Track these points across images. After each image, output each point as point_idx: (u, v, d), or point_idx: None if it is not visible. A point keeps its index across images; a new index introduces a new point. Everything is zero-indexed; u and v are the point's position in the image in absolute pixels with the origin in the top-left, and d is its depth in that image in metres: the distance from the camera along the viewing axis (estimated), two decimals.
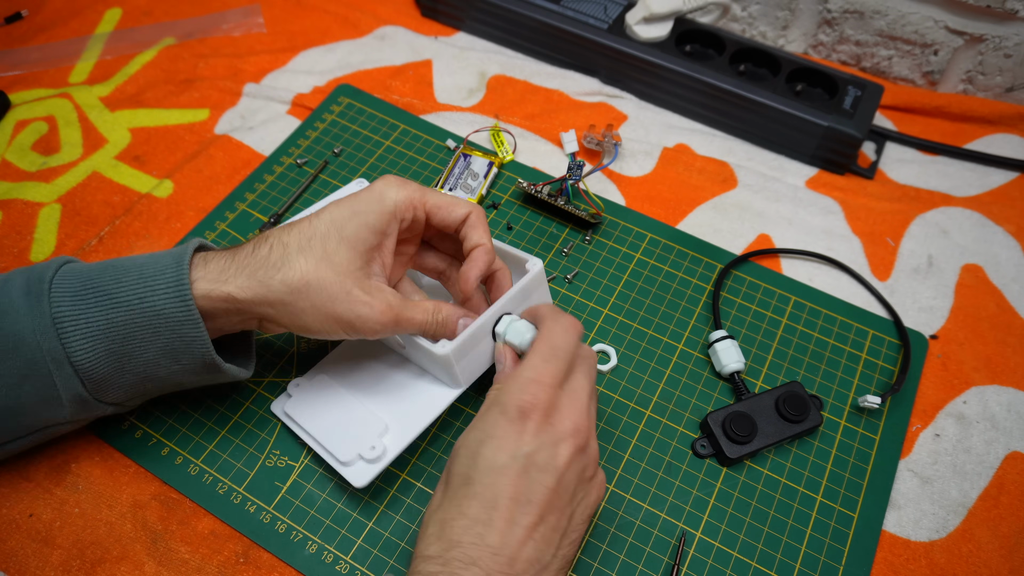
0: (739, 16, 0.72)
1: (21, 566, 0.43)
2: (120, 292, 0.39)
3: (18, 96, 0.66)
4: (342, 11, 0.73)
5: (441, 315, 0.43)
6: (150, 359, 0.40)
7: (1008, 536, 0.46)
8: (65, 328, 0.39)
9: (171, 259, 0.40)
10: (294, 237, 0.40)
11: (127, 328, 0.39)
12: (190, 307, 0.39)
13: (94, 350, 0.39)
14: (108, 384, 0.41)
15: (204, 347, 0.40)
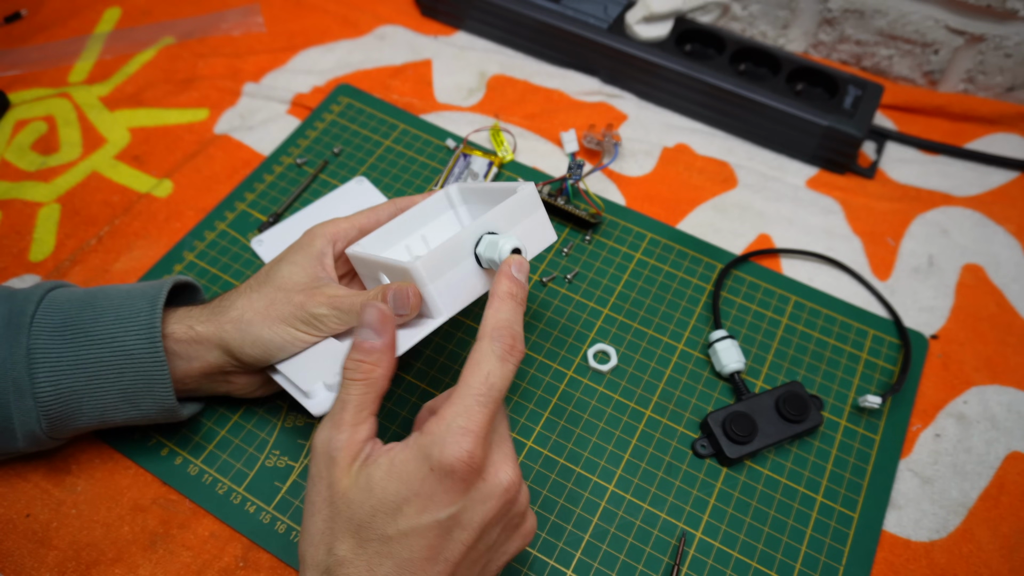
0: (739, 15, 0.72)
1: (17, 566, 0.43)
2: (96, 330, 0.41)
3: (17, 96, 0.66)
4: (342, 11, 0.73)
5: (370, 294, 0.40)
6: (109, 403, 0.42)
7: (1008, 536, 0.46)
8: (37, 361, 0.40)
9: (146, 301, 0.42)
10: (241, 288, 0.43)
11: (94, 366, 0.41)
12: (157, 349, 0.41)
13: (59, 384, 0.40)
14: (63, 423, 0.42)
15: (165, 389, 0.41)
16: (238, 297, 0.43)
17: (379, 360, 0.35)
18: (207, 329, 0.42)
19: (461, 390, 0.34)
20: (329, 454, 0.34)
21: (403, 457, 0.33)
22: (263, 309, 0.41)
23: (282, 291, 0.42)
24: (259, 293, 0.42)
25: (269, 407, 0.49)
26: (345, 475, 0.33)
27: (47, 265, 0.55)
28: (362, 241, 0.44)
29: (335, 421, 0.34)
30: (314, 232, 0.44)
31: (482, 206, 0.46)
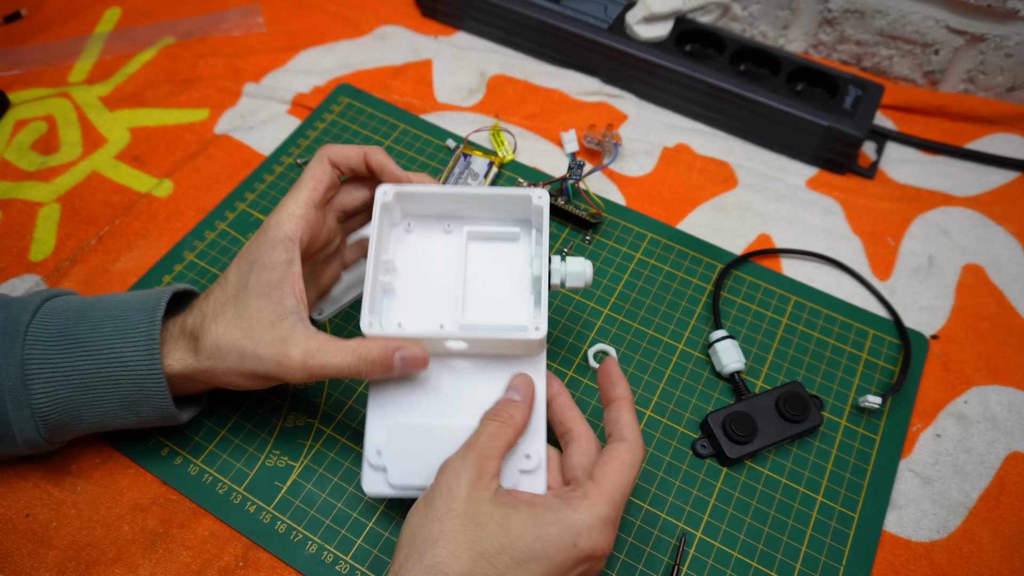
0: (739, 16, 0.72)
1: (16, 566, 0.43)
2: (92, 341, 0.40)
3: (17, 96, 0.66)
4: (342, 11, 0.73)
5: (372, 354, 0.39)
6: (108, 410, 0.41)
7: (1009, 536, 0.46)
8: (32, 371, 0.40)
9: (144, 313, 0.41)
10: (211, 304, 0.41)
11: (91, 377, 0.40)
12: (155, 363, 0.40)
13: (55, 395, 0.40)
14: (62, 430, 0.42)
15: (163, 400, 0.41)
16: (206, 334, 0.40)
17: (520, 413, 0.39)
18: (183, 368, 0.41)
19: (613, 484, 0.37)
20: (461, 469, 0.36)
21: (549, 519, 0.35)
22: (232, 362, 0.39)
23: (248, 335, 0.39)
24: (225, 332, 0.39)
25: (269, 407, 0.49)
26: (475, 495, 0.35)
27: (47, 265, 0.55)
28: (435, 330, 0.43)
29: (470, 445, 0.37)
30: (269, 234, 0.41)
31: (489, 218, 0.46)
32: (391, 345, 0.39)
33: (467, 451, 0.37)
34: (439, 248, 0.46)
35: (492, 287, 0.44)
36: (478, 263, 0.45)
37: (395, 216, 0.45)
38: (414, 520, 0.36)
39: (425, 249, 0.46)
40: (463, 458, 0.37)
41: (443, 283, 0.44)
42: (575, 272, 0.43)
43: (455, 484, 0.36)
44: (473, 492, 0.35)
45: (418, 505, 0.37)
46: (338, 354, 0.39)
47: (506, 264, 0.45)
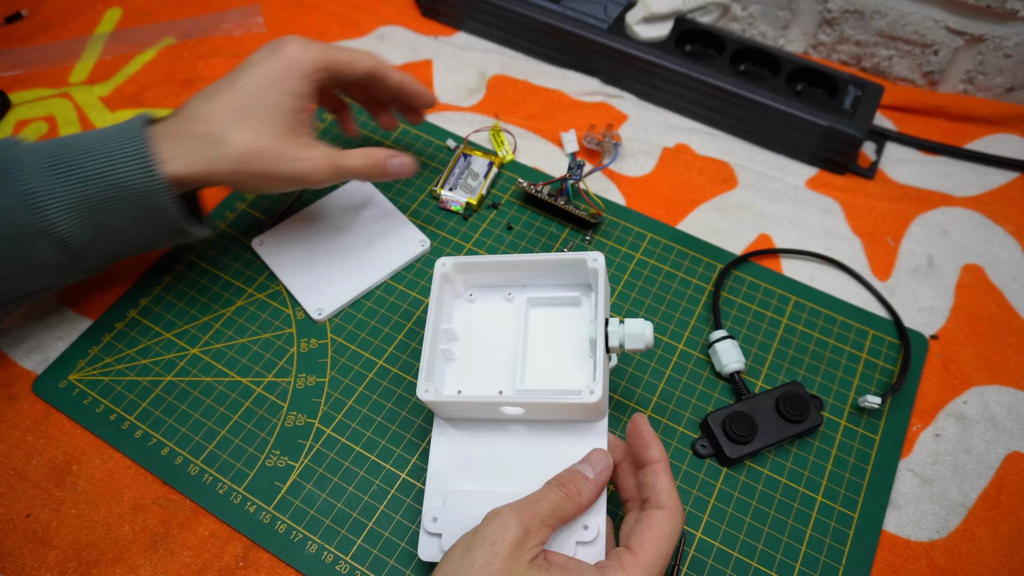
0: (739, 16, 0.72)
1: (17, 566, 0.43)
2: (85, 166, 0.42)
3: (18, 96, 0.66)
4: (342, 11, 0.73)
5: (374, 157, 0.49)
6: (123, 227, 0.43)
7: (1008, 536, 0.46)
8: (40, 202, 0.41)
9: (127, 136, 0.43)
10: (222, 110, 0.44)
11: (97, 200, 0.42)
12: (156, 179, 0.42)
13: (72, 221, 0.42)
14: (86, 252, 0.44)
15: (176, 212, 0.43)
16: (226, 141, 0.43)
17: (587, 490, 0.38)
18: (195, 171, 0.43)
19: (651, 555, 0.35)
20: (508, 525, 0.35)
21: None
22: (259, 167, 0.44)
23: (274, 143, 0.45)
24: (252, 139, 0.44)
25: (269, 407, 0.49)
26: (515, 553, 0.34)
27: None
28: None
29: (526, 503, 0.36)
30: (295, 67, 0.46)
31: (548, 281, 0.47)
32: (386, 152, 0.50)
33: (522, 509, 0.36)
34: (501, 315, 0.47)
35: (553, 352, 0.44)
36: (539, 329, 0.45)
37: (457, 287, 0.47)
38: (450, 563, 0.35)
39: (488, 316, 0.47)
40: (517, 514, 0.36)
41: (505, 349, 0.45)
42: (633, 334, 0.41)
43: (500, 539, 0.35)
44: (515, 552, 0.34)
45: (457, 547, 0.36)
46: (350, 157, 0.48)
47: (567, 329, 0.45)
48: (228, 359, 0.51)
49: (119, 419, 0.48)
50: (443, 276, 0.45)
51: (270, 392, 0.50)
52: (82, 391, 0.49)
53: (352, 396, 0.50)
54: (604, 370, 0.40)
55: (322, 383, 0.50)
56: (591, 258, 0.43)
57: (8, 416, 0.49)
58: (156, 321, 0.53)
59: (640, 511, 0.38)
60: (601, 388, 0.39)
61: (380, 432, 0.48)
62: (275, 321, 0.53)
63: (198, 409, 0.49)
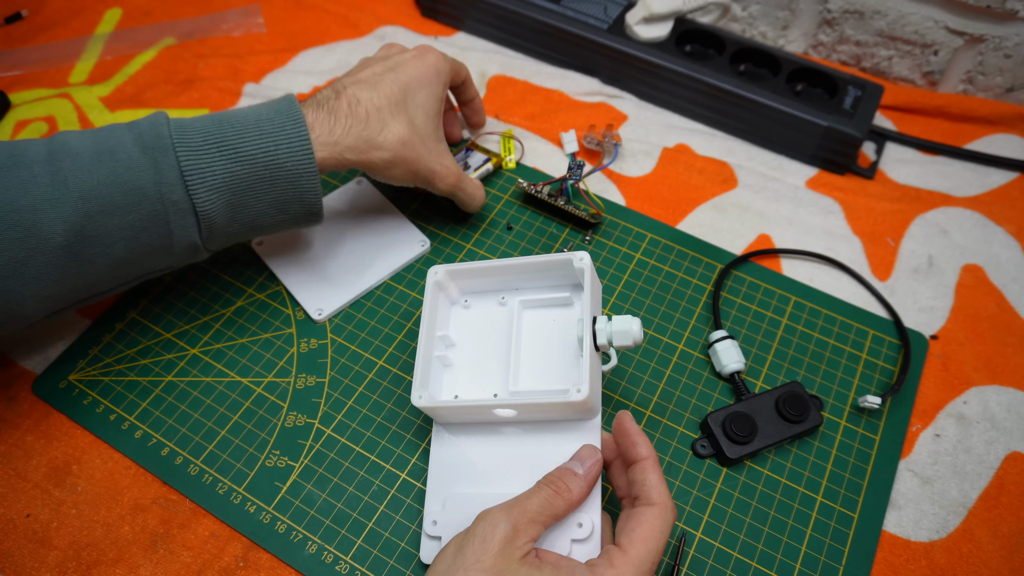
0: (739, 16, 0.72)
1: (17, 566, 0.43)
2: (243, 146, 0.43)
3: (18, 96, 0.66)
4: (342, 11, 0.73)
5: (481, 191, 0.55)
6: (262, 210, 0.45)
7: (1008, 536, 0.46)
8: (193, 180, 0.42)
9: (286, 117, 0.44)
10: (382, 100, 0.47)
11: (248, 180, 0.43)
12: (311, 162, 0.44)
13: (217, 201, 0.43)
14: (219, 232, 0.44)
15: (315, 196, 0.45)
16: (384, 130, 0.47)
17: (577, 486, 0.38)
18: (358, 157, 0.47)
19: (641, 553, 0.35)
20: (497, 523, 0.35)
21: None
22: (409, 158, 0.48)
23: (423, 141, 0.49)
24: (406, 133, 0.48)
25: (269, 407, 0.49)
26: (506, 550, 0.35)
27: None
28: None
29: (517, 501, 0.37)
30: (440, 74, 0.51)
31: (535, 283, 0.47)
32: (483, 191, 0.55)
33: (511, 507, 0.36)
34: (496, 319, 0.47)
35: (546, 353, 0.45)
36: (533, 331, 0.46)
37: (452, 294, 0.48)
38: (443, 563, 0.35)
39: (483, 321, 0.48)
40: (506, 512, 0.36)
41: (500, 353, 0.46)
42: (621, 330, 0.41)
43: (490, 537, 0.35)
44: (505, 549, 0.35)
45: (449, 547, 0.36)
46: (469, 181, 0.54)
47: (559, 330, 0.46)
48: (228, 359, 0.51)
49: (119, 419, 0.48)
50: (436, 284, 0.46)
51: (270, 392, 0.50)
52: (82, 391, 0.49)
53: (352, 396, 0.50)
54: (591, 368, 0.40)
55: (322, 383, 0.50)
56: (577, 258, 0.43)
57: (8, 416, 0.49)
58: (156, 321, 0.53)
59: (631, 508, 0.38)
60: (588, 386, 0.39)
61: (380, 432, 0.48)
62: (275, 321, 0.53)
63: (198, 409, 0.49)
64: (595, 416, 0.42)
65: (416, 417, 0.49)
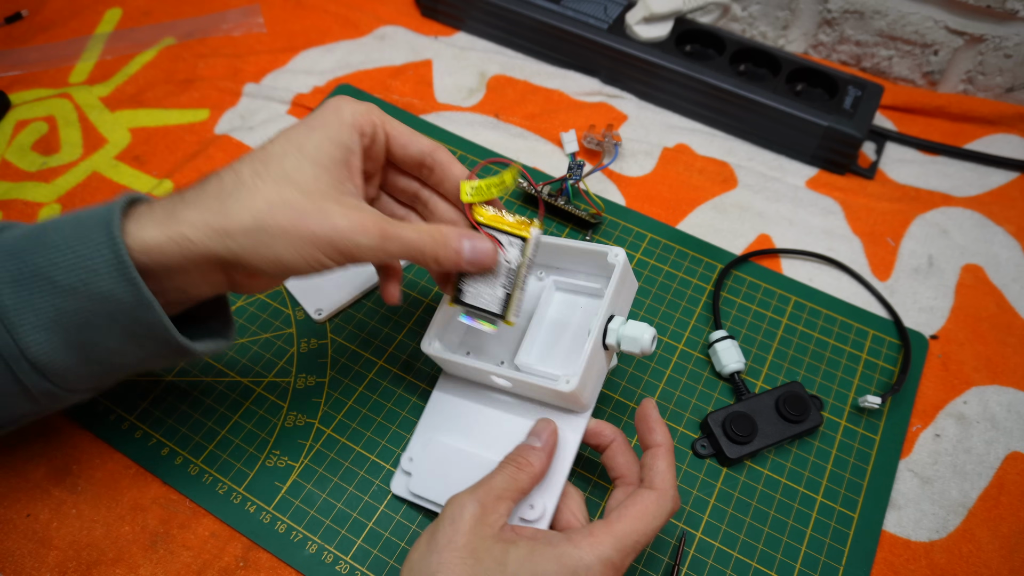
0: (739, 16, 0.72)
1: (17, 566, 0.43)
2: (59, 276, 0.34)
3: (18, 96, 0.66)
4: (342, 11, 0.73)
5: (440, 232, 0.37)
6: (113, 347, 0.35)
7: (1008, 536, 0.46)
8: (11, 320, 0.34)
9: (102, 232, 0.33)
10: (247, 164, 0.35)
11: (79, 316, 0.34)
12: (139, 289, 0.33)
13: (50, 342, 0.34)
14: (73, 375, 0.36)
15: (165, 331, 0.35)
16: (242, 191, 0.34)
17: (538, 461, 0.39)
18: (205, 233, 0.34)
19: (627, 526, 0.35)
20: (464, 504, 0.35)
21: (547, 554, 0.34)
22: (286, 220, 0.34)
23: (307, 196, 0.34)
24: (275, 191, 0.34)
25: (269, 407, 0.49)
26: (478, 530, 0.35)
27: None
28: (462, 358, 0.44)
29: (482, 483, 0.37)
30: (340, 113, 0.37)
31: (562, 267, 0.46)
32: (461, 231, 0.38)
33: (476, 488, 0.37)
34: (529, 292, 0.46)
35: (560, 338, 0.45)
36: (557, 312, 0.46)
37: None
38: (416, 552, 0.35)
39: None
40: (471, 493, 0.36)
41: (520, 324, 0.45)
42: (631, 336, 0.40)
43: (458, 517, 0.35)
44: (476, 527, 0.35)
45: (422, 536, 0.36)
46: (406, 227, 0.36)
47: (581, 317, 0.45)
48: (228, 359, 0.51)
49: (119, 419, 0.48)
50: None
51: (270, 392, 0.50)
52: None
53: (352, 396, 0.50)
54: (589, 364, 0.40)
55: (322, 383, 0.50)
56: (612, 253, 0.42)
57: None
58: None
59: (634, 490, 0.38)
60: (578, 379, 0.39)
61: (380, 432, 0.48)
62: (275, 321, 0.53)
63: (198, 409, 0.49)
64: (586, 411, 0.42)
65: (416, 416, 0.49)
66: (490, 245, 0.39)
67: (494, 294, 0.40)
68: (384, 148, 0.39)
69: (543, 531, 0.37)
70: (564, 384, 0.39)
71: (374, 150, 0.39)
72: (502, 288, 0.40)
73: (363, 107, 0.38)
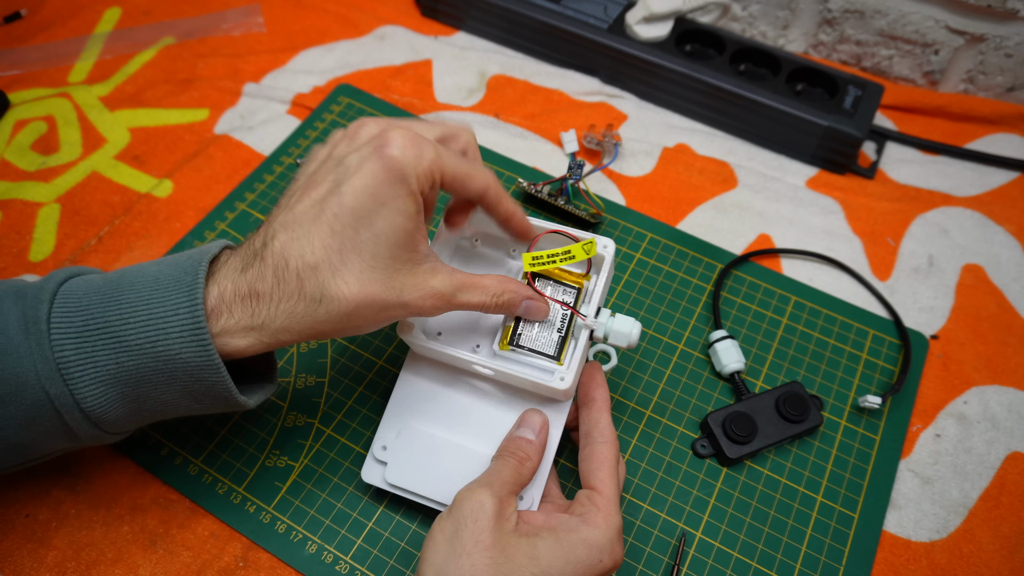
0: (739, 16, 0.72)
1: (16, 566, 0.43)
2: (128, 335, 0.35)
3: (17, 96, 0.66)
4: (342, 11, 0.73)
5: (504, 297, 0.39)
6: (168, 400, 0.37)
7: (1009, 536, 0.46)
8: (72, 373, 0.35)
9: (184, 297, 0.35)
10: (318, 254, 0.35)
11: (139, 372, 0.35)
12: (210, 355, 0.35)
13: (105, 395, 0.35)
14: (122, 423, 0.37)
15: (227, 391, 0.36)
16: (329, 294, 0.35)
17: (535, 453, 0.40)
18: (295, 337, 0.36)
19: (611, 490, 0.38)
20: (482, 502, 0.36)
21: (575, 541, 0.36)
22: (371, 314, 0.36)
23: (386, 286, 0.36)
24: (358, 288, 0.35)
25: (269, 407, 0.49)
26: (500, 526, 0.35)
27: (47, 265, 0.55)
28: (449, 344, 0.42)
29: (491, 476, 0.38)
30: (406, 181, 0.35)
31: None
32: (523, 292, 0.40)
33: (491, 483, 0.37)
34: (503, 271, 0.45)
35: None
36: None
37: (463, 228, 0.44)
38: (438, 556, 0.34)
39: (488, 268, 0.45)
40: (488, 488, 0.36)
41: None
42: (619, 330, 0.41)
43: (480, 515, 0.35)
44: (499, 523, 0.35)
45: (437, 538, 0.35)
46: (474, 292, 0.39)
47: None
48: None
49: None
50: None
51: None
52: None
53: (352, 396, 0.50)
54: (580, 359, 0.40)
55: (322, 383, 0.50)
56: (602, 243, 0.41)
57: None
58: None
59: (587, 447, 0.40)
60: (573, 376, 0.39)
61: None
62: None
63: None
64: (567, 401, 0.42)
65: None
66: (545, 306, 0.42)
67: (550, 338, 0.42)
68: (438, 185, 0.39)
69: (557, 518, 0.37)
70: (559, 381, 0.39)
71: (432, 194, 0.39)
72: (558, 333, 0.42)
73: (425, 166, 0.36)
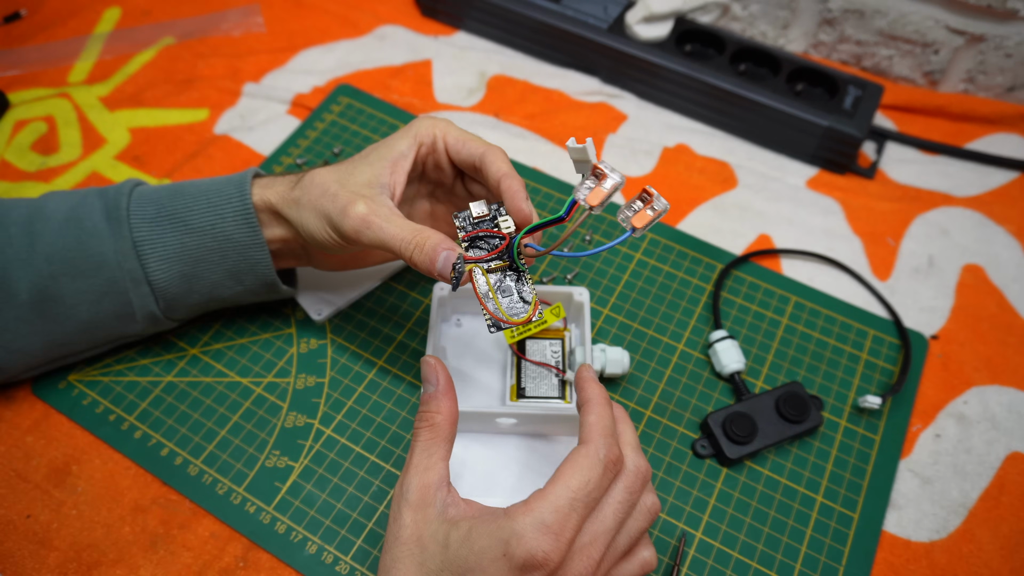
0: (739, 16, 0.72)
1: (17, 567, 0.43)
2: (192, 218, 0.44)
3: (17, 96, 0.66)
4: (342, 11, 0.73)
5: (422, 237, 0.38)
6: (216, 280, 0.45)
7: (1009, 536, 0.46)
8: (144, 251, 0.43)
9: (234, 187, 0.44)
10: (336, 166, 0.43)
11: (199, 251, 0.44)
12: (256, 232, 0.44)
13: (169, 271, 0.44)
14: (178, 302, 0.46)
15: (267, 267, 0.45)
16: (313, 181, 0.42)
17: (438, 407, 0.38)
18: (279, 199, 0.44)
19: (558, 487, 0.34)
20: (402, 495, 0.36)
21: (483, 531, 0.34)
22: (314, 199, 0.41)
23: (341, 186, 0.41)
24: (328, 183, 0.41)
25: (269, 407, 0.49)
26: (419, 517, 0.36)
27: None
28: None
29: (407, 466, 0.37)
30: (411, 126, 0.43)
31: None
32: (443, 241, 0.38)
33: (404, 474, 0.37)
34: (488, 338, 0.51)
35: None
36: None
37: (446, 312, 0.50)
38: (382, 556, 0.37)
39: (474, 337, 0.51)
40: (402, 483, 0.37)
41: (491, 368, 0.50)
42: (615, 360, 0.48)
43: (397, 512, 0.36)
44: (417, 514, 0.35)
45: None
46: (398, 227, 0.39)
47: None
48: (228, 359, 0.51)
49: (119, 419, 0.48)
50: (440, 300, 0.48)
51: (270, 392, 0.50)
52: (81, 391, 0.49)
53: (352, 396, 0.50)
54: None
55: (322, 383, 0.50)
56: (577, 292, 0.48)
57: (8, 416, 0.49)
58: None
59: None
60: None
61: (380, 432, 0.48)
62: (275, 321, 0.53)
63: (198, 409, 0.49)
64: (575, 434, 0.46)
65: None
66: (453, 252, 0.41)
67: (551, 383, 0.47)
68: (445, 154, 0.44)
69: (490, 509, 0.36)
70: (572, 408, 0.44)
71: (436, 157, 0.44)
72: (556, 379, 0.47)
73: (436, 121, 0.44)
